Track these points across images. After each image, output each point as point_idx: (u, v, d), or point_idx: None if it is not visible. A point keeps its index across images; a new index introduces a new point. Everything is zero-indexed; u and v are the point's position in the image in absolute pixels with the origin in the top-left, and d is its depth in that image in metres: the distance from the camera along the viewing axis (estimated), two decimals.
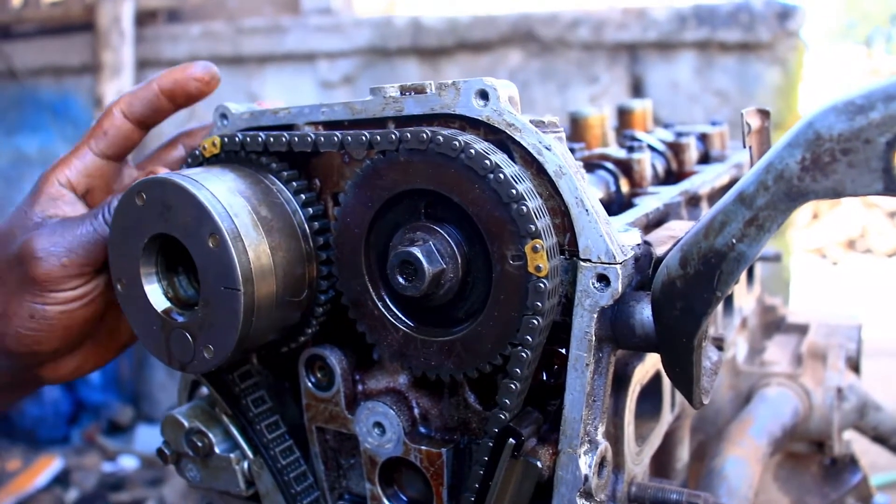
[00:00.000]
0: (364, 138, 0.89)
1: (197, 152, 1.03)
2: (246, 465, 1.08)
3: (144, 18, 5.20)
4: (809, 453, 1.57)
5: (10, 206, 5.33)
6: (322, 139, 0.92)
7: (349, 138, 0.90)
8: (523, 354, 0.82)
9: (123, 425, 5.22)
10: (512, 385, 0.84)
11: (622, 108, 1.62)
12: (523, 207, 0.78)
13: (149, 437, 4.98)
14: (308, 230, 0.95)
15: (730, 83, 4.00)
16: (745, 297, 1.58)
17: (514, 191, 0.78)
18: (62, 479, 4.61)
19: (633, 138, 1.38)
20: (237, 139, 0.98)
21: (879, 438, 1.64)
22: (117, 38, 4.98)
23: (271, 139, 0.96)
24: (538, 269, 0.78)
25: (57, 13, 5.31)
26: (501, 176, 0.78)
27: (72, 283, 1.00)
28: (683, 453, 1.28)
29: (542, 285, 0.79)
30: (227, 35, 4.93)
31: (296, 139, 0.94)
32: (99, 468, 4.74)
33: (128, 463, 4.78)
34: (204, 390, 1.18)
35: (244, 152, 0.98)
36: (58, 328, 1.01)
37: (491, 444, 0.86)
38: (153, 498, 4.38)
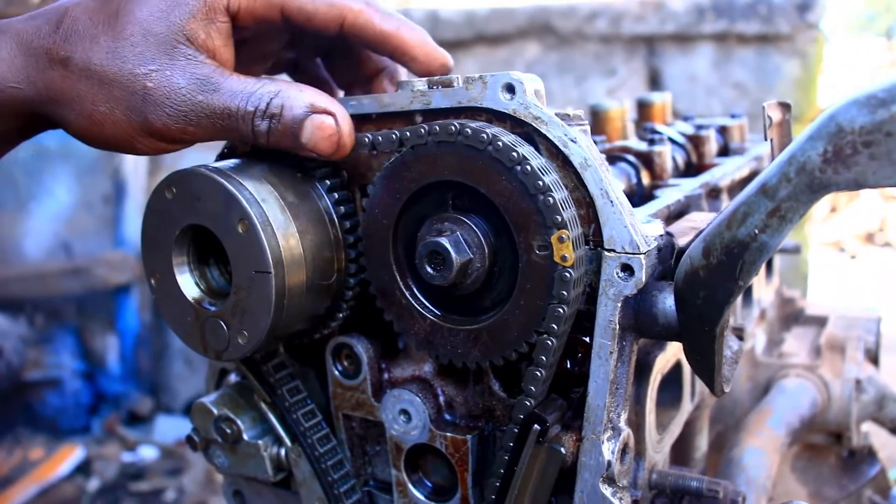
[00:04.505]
0: (395, 136, 0.90)
1: (226, 150, 1.05)
2: (275, 450, 1.10)
3: None
4: (827, 445, 1.57)
5: (31, 200, 5.39)
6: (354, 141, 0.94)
7: (380, 138, 0.92)
8: (549, 342, 0.83)
9: (143, 416, 5.27)
10: (537, 372, 0.85)
11: (642, 100, 1.63)
12: (550, 198, 0.79)
13: (168, 428, 5.04)
14: (335, 215, 0.97)
15: (748, 76, 3.99)
16: (764, 288, 1.59)
17: (540, 182, 0.80)
18: (83, 469, 4.67)
19: (654, 131, 1.39)
20: None
21: None
22: None
23: None
24: (564, 258, 0.80)
25: None
26: (528, 167, 0.80)
27: (175, 145, 0.93)
28: (702, 443, 1.29)
29: (567, 275, 0.80)
30: None
31: None
32: (119, 458, 4.80)
33: (147, 453, 4.84)
34: (232, 378, 1.21)
35: (275, 150, 1.00)
36: (125, 151, 0.94)
37: (516, 431, 0.88)
38: (173, 487, 4.43)
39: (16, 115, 0.93)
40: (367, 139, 0.93)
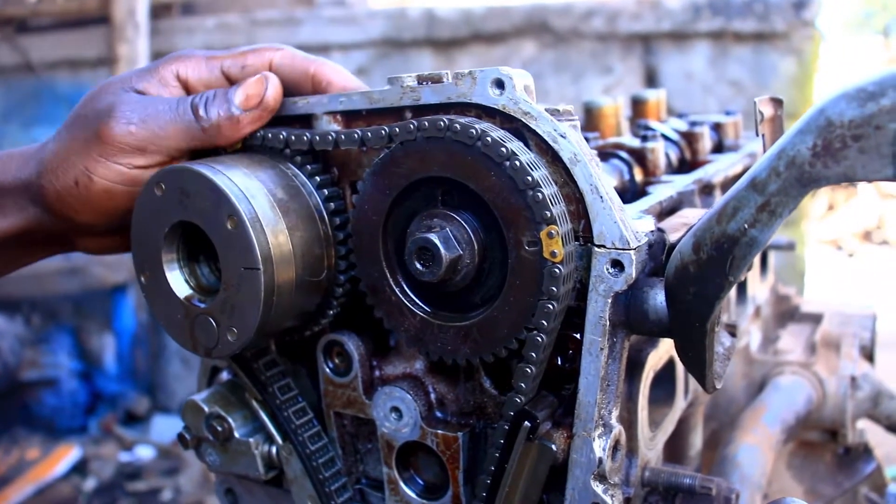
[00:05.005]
0: (384, 132, 0.90)
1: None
2: (266, 448, 1.10)
3: (159, 11, 5.24)
4: (823, 442, 1.57)
5: None
6: (343, 137, 0.94)
7: (369, 134, 0.91)
8: (539, 339, 0.83)
9: (140, 415, 5.27)
10: (528, 369, 0.85)
11: (636, 97, 1.62)
12: (539, 194, 0.79)
13: (165, 427, 5.03)
14: (324, 212, 0.96)
15: (744, 73, 3.99)
16: (758, 286, 1.58)
17: (529, 178, 0.79)
18: (80, 468, 4.67)
19: (647, 128, 1.39)
20: (258, 135, 1.00)
21: (893, 427, 1.64)
22: (132, 31, 5.01)
23: (293, 138, 0.97)
24: (553, 254, 0.80)
25: (73, 7, 5.35)
26: (517, 163, 0.79)
27: (130, 157, 0.97)
28: (697, 440, 1.29)
29: (557, 270, 0.80)
30: (241, 27, 4.96)
31: (317, 138, 0.95)
32: (116, 457, 4.80)
33: (144, 452, 4.83)
34: (223, 376, 1.20)
35: (265, 148, 1.00)
36: (94, 205, 0.99)
37: (507, 427, 0.87)
38: (169, 487, 4.43)
39: (23, 198, 1.05)
40: (356, 135, 0.93)
